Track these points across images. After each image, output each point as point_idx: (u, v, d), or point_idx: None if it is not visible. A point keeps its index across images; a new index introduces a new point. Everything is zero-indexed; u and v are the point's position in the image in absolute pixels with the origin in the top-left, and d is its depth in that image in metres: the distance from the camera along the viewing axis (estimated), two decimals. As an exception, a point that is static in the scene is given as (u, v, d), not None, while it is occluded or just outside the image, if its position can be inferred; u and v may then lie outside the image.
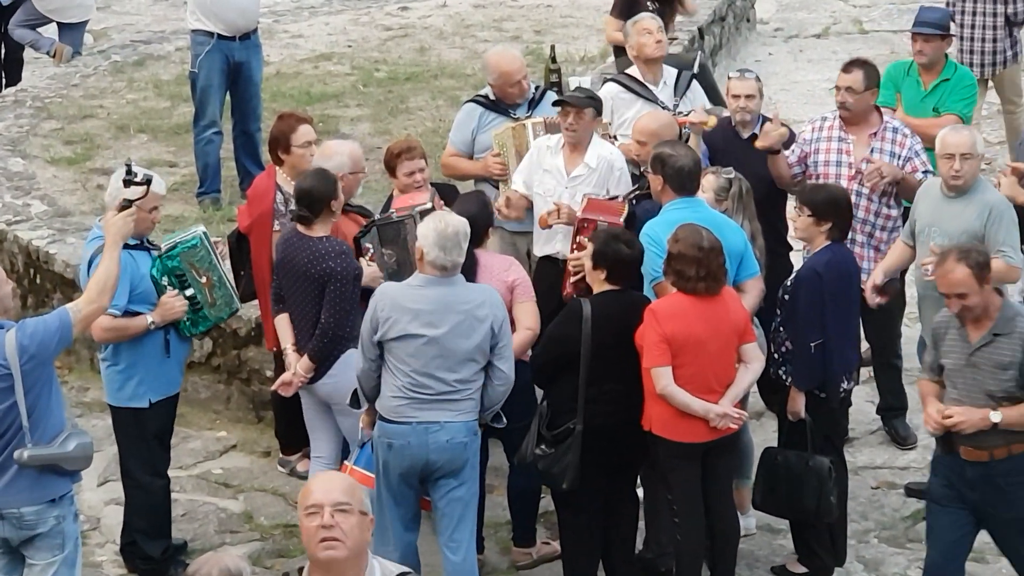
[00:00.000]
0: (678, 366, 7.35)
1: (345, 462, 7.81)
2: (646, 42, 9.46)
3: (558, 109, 8.74)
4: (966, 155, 8.12)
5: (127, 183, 7.44)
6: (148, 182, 7.47)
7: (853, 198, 8.38)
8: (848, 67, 8.93)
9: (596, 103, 8.68)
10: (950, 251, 7.10)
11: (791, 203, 8.59)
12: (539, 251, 8.79)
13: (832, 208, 7.92)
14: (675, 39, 10.75)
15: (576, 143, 8.60)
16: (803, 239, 8.13)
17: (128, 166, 7.56)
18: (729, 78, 9.20)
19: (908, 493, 8.66)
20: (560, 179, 8.64)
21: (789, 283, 7.94)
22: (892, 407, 9.24)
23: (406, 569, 5.09)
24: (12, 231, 10.64)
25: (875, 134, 8.83)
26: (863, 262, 8.62)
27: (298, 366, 7.92)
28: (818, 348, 7.77)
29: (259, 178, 9.08)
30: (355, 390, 7.58)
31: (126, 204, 7.35)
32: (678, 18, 12.12)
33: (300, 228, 7.93)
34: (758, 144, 8.81)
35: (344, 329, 7.85)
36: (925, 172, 8.72)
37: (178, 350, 7.95)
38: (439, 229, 7.21)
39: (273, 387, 8.04)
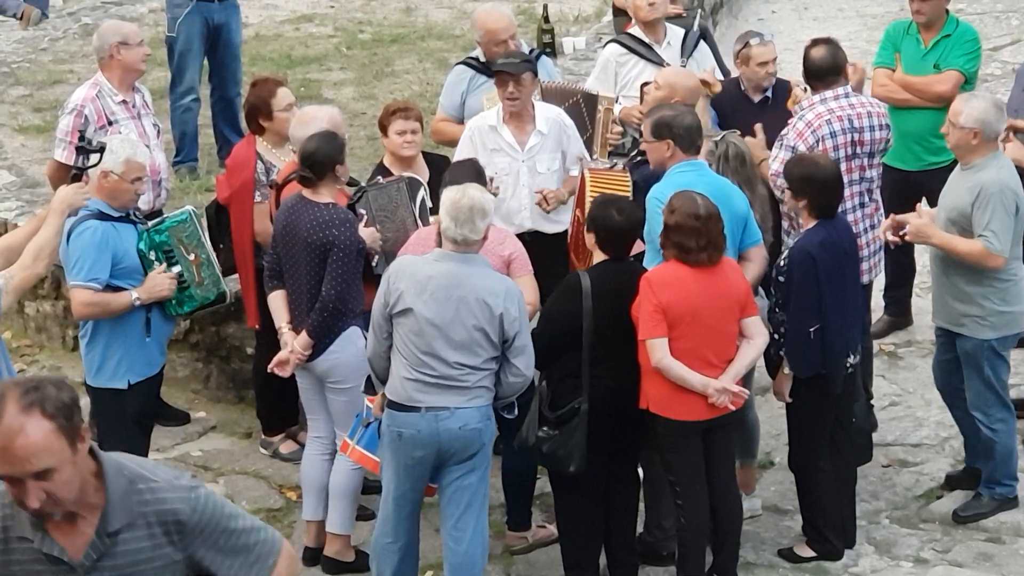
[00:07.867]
0: (675, 338, 7.12)
1: (345, 438, 7.52)
2: (640, 4, 9.29)
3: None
4: (952, 122, 7.84)
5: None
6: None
7: None
8: None
9: (531, 65, 8.46)
10: (10, 390, 4.08)
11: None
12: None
13: (805, 184, 7.62)
14: (690, 9, 10.42)
15: (520, 111, 8.36)
16: (792, 213, 7.86)
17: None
18: (749, 44, 8.90)
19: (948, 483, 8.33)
20: (515, 154, 8.38)
21: (782, 263, 7.65)
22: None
23: None
24: (-21, 202, 10.38)
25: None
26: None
27: (296, 343, 7.61)
28: (817, 333, 7.52)
29: (238, 147, 8.81)
30: (368, 376, 7.33)
31: (77, 172, 7.22)
32: None
33: (305, 193, 7.62)
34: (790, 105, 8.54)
35: (346, 303, 7.55)
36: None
37: (160, 330, 7.73)
38: (454, 200, 6.96)
39: (269, 367, 7.72)
